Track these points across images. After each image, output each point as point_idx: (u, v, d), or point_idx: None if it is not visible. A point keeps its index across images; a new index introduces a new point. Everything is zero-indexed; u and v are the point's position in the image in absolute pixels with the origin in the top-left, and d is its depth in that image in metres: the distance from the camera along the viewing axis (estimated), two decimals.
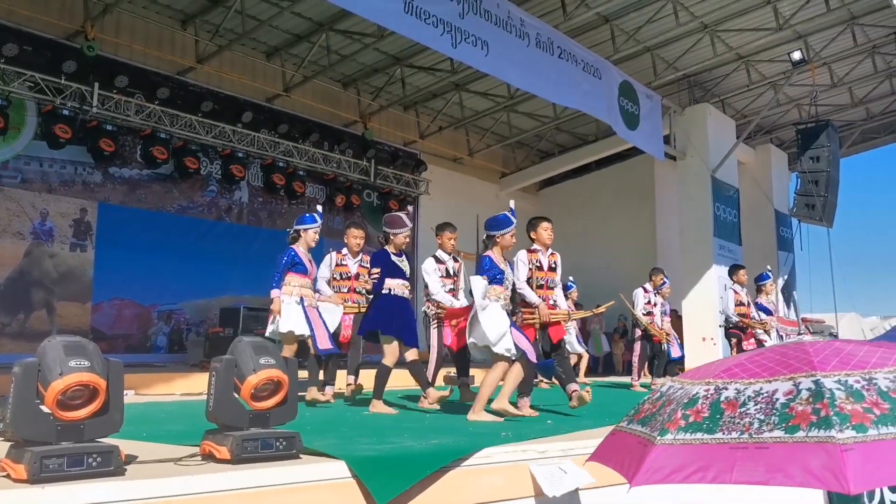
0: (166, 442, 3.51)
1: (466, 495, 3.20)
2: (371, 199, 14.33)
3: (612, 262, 15.62)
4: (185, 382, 7.92)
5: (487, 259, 5.24)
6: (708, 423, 1.78)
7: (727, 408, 1.78)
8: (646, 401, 2.07)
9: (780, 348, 1.95)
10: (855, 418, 1.61)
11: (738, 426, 1.73)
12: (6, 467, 2.53)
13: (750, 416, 1.73)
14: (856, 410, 1.63)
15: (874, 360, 1.76)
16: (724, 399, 1.81)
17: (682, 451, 1.77)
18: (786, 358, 1.86)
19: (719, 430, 1.75)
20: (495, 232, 5.33)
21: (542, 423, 4.89)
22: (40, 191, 9.94)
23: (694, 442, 1.76)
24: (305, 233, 6.30)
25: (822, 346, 1.89)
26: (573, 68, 10.49)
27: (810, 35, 13.12)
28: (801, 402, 1.69)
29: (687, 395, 1.88)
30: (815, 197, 15.45)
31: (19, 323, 9.60)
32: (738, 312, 9.33)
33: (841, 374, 1.73)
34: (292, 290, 6.07)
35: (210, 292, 11.60)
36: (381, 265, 5.73)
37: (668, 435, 1.80)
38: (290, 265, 6.14)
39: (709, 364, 2.12)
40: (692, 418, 1.81)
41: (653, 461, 1.79)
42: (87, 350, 2.60)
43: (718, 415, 1.78)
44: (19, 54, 9.38)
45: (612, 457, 2.03)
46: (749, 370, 1.87)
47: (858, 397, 1.66)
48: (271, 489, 2.72)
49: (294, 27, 11.80)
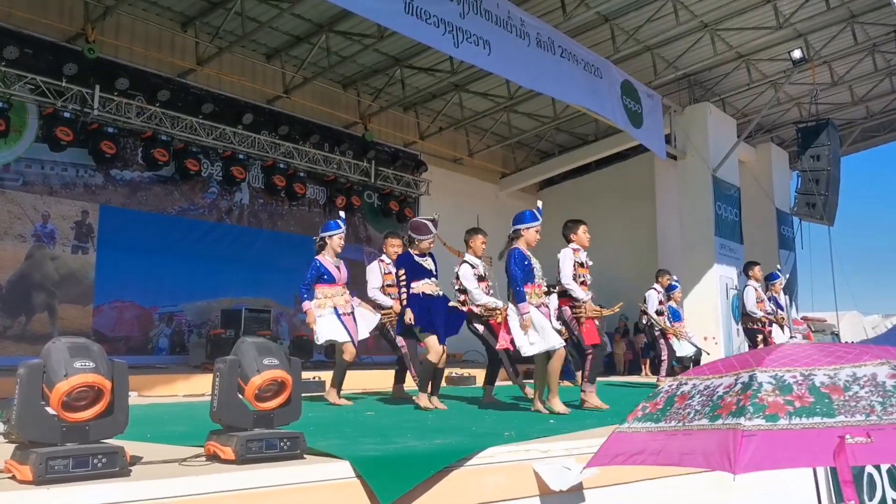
0: (170, 443, 3.51)
1: (470, 495, 3.20)
2: (371, 200, 14.33)
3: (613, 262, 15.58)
4: (188, 384, 7.92)
5: (518, 251, 5.51)
6: (658, 413, 1.98)
7: (678, 400, 1.98)
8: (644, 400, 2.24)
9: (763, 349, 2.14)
10: (771, 409, 1.72)
11: (678, 416, 1.91)
12: (12, 469, 2.53)
13: (691, 408, 1.91)
14: (775, 402, 1.73)
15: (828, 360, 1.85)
16: (679, 393, 2.01)
17: (629, 438, 1.98)
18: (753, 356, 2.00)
19: (663, 420, 1.94)
20: (522, 226, 5.62)
21: (545, 423, 4.89)
22: (42, 193, 9.94)
23: (641, 430, 1.98)
24: (331, 239, 6.39)
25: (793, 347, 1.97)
26: (575, 67, 10.50)
27: (810, 34, 13.13)
28: (732, 394, 1.83)
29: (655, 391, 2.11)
30: (816, 195, 15.47)
31: (21, 325, 9.60)
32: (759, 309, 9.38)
33: (780, 370, 1.83)
34: (324, 304, 6.16)
35: (211, 294, 11.61)
36: (406, 267, 5.89)
37: (624, 424, 2.04)
38: (316, 277, 6.23)
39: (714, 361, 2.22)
40: (648, 409, 2.02)
41: (606, 446, 2.04)
42: (92, 351, 2.60)
43: (669, 406, 1.97)
44: (20, 57, 9.40)
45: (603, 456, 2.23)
46: (715, 367, 2.04)
47: (786, 390, 1.76)
48: (276, 489, 2.72)
49: (294, 29, 11.81)
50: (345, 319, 6.17)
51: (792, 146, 17.56)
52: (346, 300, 6.31)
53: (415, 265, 5.88)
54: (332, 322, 6.13)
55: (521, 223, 5.64)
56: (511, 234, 5.64)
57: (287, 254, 12.46)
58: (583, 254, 6.27)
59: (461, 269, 6.36)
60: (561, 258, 6.19)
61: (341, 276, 6.36)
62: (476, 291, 6.26)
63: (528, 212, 5.70)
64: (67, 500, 2.36)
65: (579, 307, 6.05)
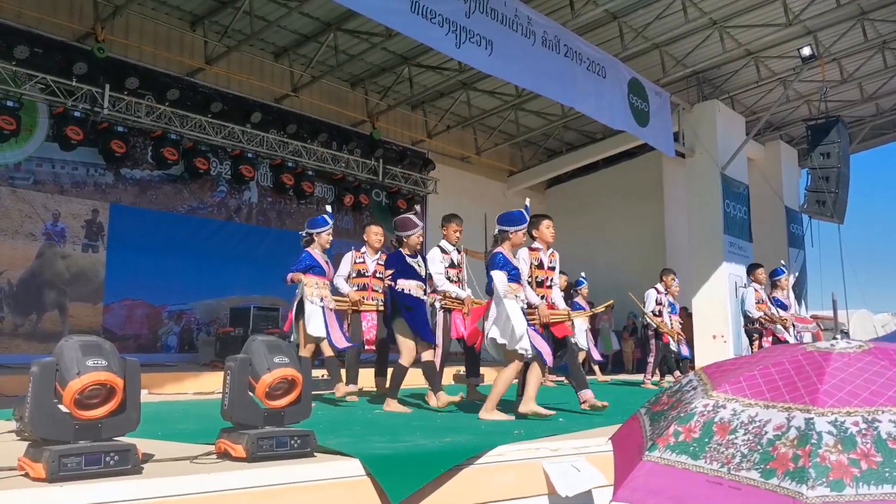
0: (181, 440, 3.53)
1: (479, 493, 3.20)
2: (380, 198, 14.35)
3: (621, 260, 15.60)
4: (197, 382, 7.95)
5: (500, 255, 5.19)
6: (695, 445, 1.74)
7: (718, 431, 1.74)
8: (666, 391, 2.05)
9: (802, 356, 1.83)
10: (835, 472, 1.51)
11: (721, 457, 1.68)
12: (25, 466, 2.55)
13: (735, 448, 1.68)
14: (839, 462, 1.52)
15: (890, 394, 1.62)
16: (718, 420, 1.76)
17: (662, 471, 1.75)
18: (798, 375, 1.76)
19: (703, 457, 1.71)
20: (509, 228, 5.27)
21: (555, 422, 4.89)
22: (52, 192, 10.00)
23: (676, 465, 1.74)
24: (318, 236, 6.34)
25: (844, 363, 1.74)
26: (577, 68, 10.46)
27: (820, 31, 13.05)
28: (786, 442, 1.61)
29: (687, 407, 1.84)
30: (826, 193, 15.37)
31: (32, 324, 9.66)
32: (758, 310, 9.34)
33: (840, 413, 1.60)
34: (313, 292, 6.10)
35: (220, 292, 11.65)
36: (395, 266, 5.77)
37: (655, 451, 1.79)
38: (306, 269, 6.20)
39: (735, 360, 2.06)
40: (682, 437, 1.78)
41: (635, 477, 1.79)
42: (104, 349, 2.62)
43: (707, 438, 1.74)
44: (30, 56, 9.45)
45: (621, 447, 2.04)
46: (756, 385, 1.79)
47: (849, 445, 1.54)
48: (287, 487, 2.73)
49: (302, 27, 11.83)
50: (327, 313, 6.12)
51: (801, 144, 17.46)
52: (329, 296, 6.29)
53: (405, 266, 5.74)
54: (317, 315, 6.03)
55: (509, 225, 5.28)
56: (496, 235, 5.33)
57: (295, 252, 12.28)
58: (545, 253, 5.81)
59: (430, 253, 6.27)
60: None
61: (329, 272, 6.36)
62: (439, 277, 6.17)
63: (516, 212, 5.37)
64: (80, 497, 2.37)
65: (532, 312, 5.49)
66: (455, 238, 6.50)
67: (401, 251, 5.82)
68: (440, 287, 6.23)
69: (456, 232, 6.50)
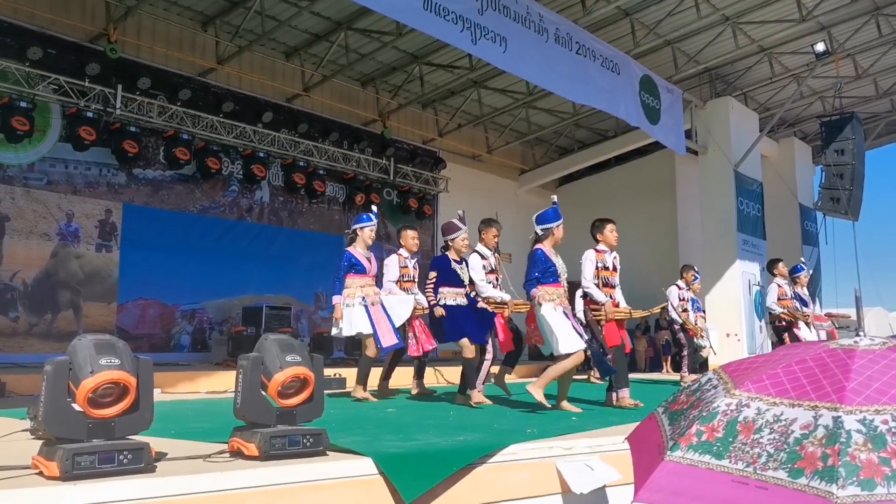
0: (194, 439, 3.53)
1: (493, 492, 3.19)
2: (391, 197, 14.35)
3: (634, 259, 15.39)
4: (210, 381, 7.98)
5: (540, 252, 5.47)
6: (719, 445, 1.71)
7: (742, 430, 1.70)
8: (685, 390, 2.01)
9: (825, 353, 1.79)
10: (865, 471, 1.48)
11: (747, 456, 1.64)
12: (39, 465, 2.56)
13: (760, 447, 1.64)
14: (869, 461, 1.49)
15: None
16: (741, 419, 1.72)
17: (685, 472, 1.71)
18: (823, 372, 1.73)
19: (727, 457, 1.67)
20: (552, 225, 5.61)
21: (568, 420, 4.87)
22: (66, 192, 10.05)
23: (699, 465, 1.70)
24: (362, 231, 6.46)
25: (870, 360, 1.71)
26: (591, 64, 10.42)
27: (834, 26, 12.94)
28: (813, 440, 1.57)
29: (709, 407, 1.81)
30: (841, 190, 15.25)
31: (46, 323, 9.73)
32: (782, 306, 9.31)
33: (869, 410, 1.57)
34: (354, 293, 6.19)
35: (232, 291, 11.68)
36: (439, 270, 5.88)
37: (677, 451, 1.75)
38: (348, 268, 6.28)
39: (755, 359, 2.03)
40: (705, 436, 1.74)
41: (657, 477, 1.75)
42: (118, 348, 2.62)
43: (731, 437, 1.70)
44: (43, 57, 9.51)
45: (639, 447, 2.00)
46: (780, 384, 1.75)
47: (879, 443, 1.51)
48: (300, 486, 2.73)
49: (313, 27, 11.85)
50: (372, 311, 6.18)
51: (815, 140, 17.33)
52: (375, 292, 6.35)
53: (449, 271, 5.91)
54: (360, 314, 6.15)
55: (549, 222, 5.63)
56: (540, 235, 5.61)
57: (307, 251, 12.53)
58: (609, 255, 6.20)
59: (470, 260, 6.35)
60: (583, 260, 6.15)
61: (371, 268, 6.41)
62: (482, 283, 6.25)
63: (550, 210, 5.71)
64: (94, 495, 2.37)
65: (598, 309, 6.01)
66: (493, 243, 6.54)
67: (447, 255, 5.96)
68: (484, 294, 6.29)
69: (495, 237, 6.54)
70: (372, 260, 6.45)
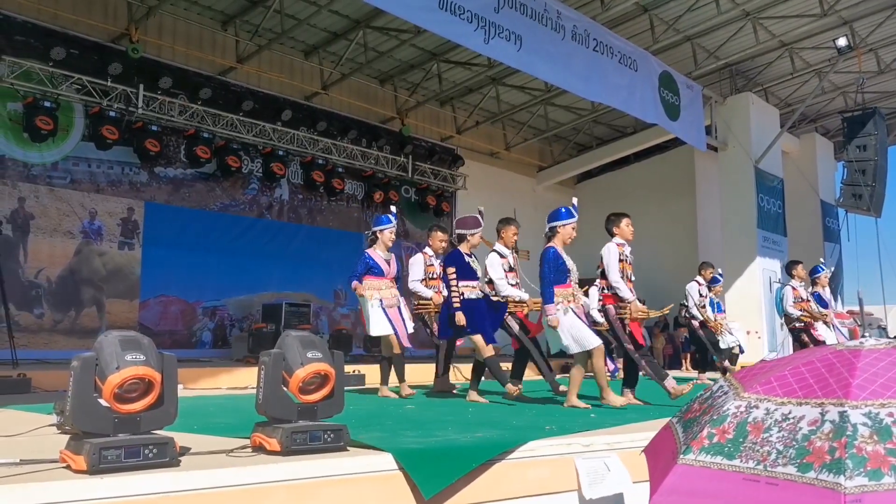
0: (217, 434, 3.57)
1: (512, 488, 3.20)
2: (409, 194, 14.38)
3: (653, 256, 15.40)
4: (231, 377, 8.06)
5: (552, 250, 5.42)
6: (730, 446, 1.74)
7: (752, 430, 1.74)
8: (697, 398, 2.05)
9: (832, 355, 1.83)
10: (872, 462, 1.51)
11: (757, 455, 1.68)
12: (66, 458, 2.60)
13: (770, 445, 1.68)
14: (876, 452, 1.52)
15: None
16: (751, 420, 1.76)
17: (697, 473, 1.75)
18: (829, 372, 1.76)
19: (738, 457, 1.71)
20: (557, 223, 5.54)
21: (587, 417, 4.87)
22: (89, 191, 10.19)
23: (711, 465, 1.74)
24: (382, 233, 6.46)
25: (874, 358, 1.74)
26: (608, 62, 10.38)
27: (856, 21, 12.79)
28: (821, 435, 1.61)
29: (719, 410, 1.85)
30: (863, 186, 15.10)
31: (70, 320, 9.86)
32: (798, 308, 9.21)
33: (874, 405, 1.60)
34: (372, 294, 6.23)
35: (252, 288, 11.78)
36: (456, 265, 5.88)
37: (690, 454, 1.79)
38: (365, 271, 6.30)
39: (763, 364, 2.06)
40: (716, 438, 1.78)
41: (670, 481, 1.79)
42: (143, 344, 2.66)
43: (742, 438, 1.74)
44: (67, 58, 9.65)
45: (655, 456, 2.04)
46: (787, 384, 1.80)
47: (885, 435, 1.54)
48: (321, 480, 2.76)
49: (331, 25, 11.90)
50: (390, 313, 6.22)
51: (837, 136, 17.15)
52: (393, 294, 6.36)
53: (464, 265, 5.90)
54: (379, 315, 6.19)
55: (556, 220, 5.59)
56: (547, 233, 5.60)
57: (326, 249, 12.60)
58: (626, 249, 6.03)
59: (489, 258, 6.35)
60: (605, 255, 5.93)
61: (390, 271, 6.41)
62: (501, 282, 6.24)
63: (563, 208, 5.65)
64: (120, 489, 2.41)
65: (624, 308, 5.82)
66: (513, 242, 6.54)
67: (459, 250, 5.94)
68: (503, 292, 6.29)
69: (514, 236, 6.54)
70: (392, 262, 6.45)
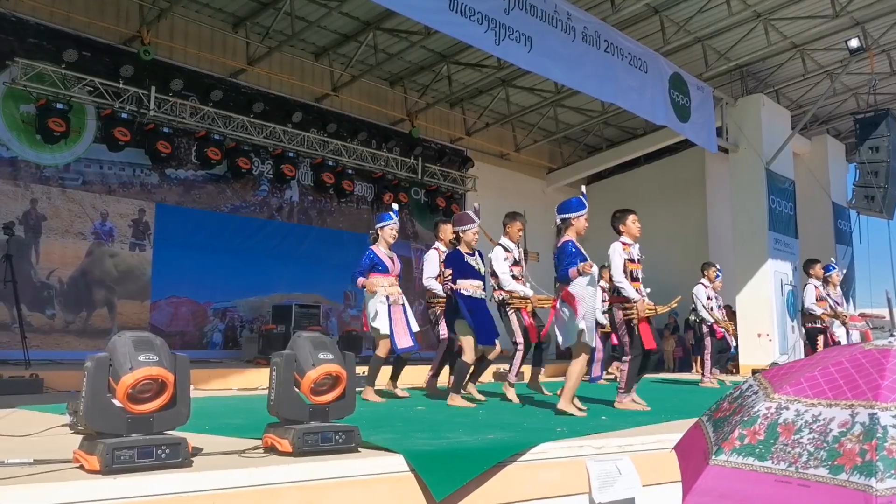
0: (229, 435, 3.59)
1: (523, 491, 3.20)
2: (418, 196, 14.39)
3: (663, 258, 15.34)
4: (241, 378, 8.08)
5: (571, 243, 5.17)
6: (761, 447, 1.76)
7: (783, 432, 1.75)
8: (727, 397, 2.05)
9: (861, 354, 1.84)
10: None
11: (788, 456, 1.69)
12: (80, 458, 2.62)
13: (801, 447, 1.69)
14: None
15: None
16: (782, 421, 1.77)
17: (730, 475, 1.77)
18: (858, 372, 1.77)
19: (770, 458, 1.72)
20: (569, 215, 5.26)
21: (598, 419, 4.86)
22: (100, 192, 10.24)
23: (743, 467, 1.75)
24: (383, 230, 6.44)
25: None
26: (618, 63, 10.35)
27: (868, 22, 12.71)
28: (851, 437, 1.63)
29: (750, 411, 1.86)
30: (875, 188, 14.98)
31: (82, 320, 9.92)
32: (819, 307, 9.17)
33: None
34: (379, 290, 6.20)
35: (262, 290, 11.81)
36: (454, 266, 5.80)
37: (721, 455, 1.80)
38: (370, 267, 6.26)
39: (792, 364, 2.07)
40: (748, 439, 1.80)
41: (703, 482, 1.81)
42: (156, 345, 2.67)
43: (773, 439, 1.75)
44: (79, 60, 9.71)
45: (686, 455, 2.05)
46: (817, 385, 1.81)
47: None
48: (332, 481, 2.77)
49: (342, 27, 11.93)
50: (393, 310, 6.19)
51: (849, 138, 17.04)
52: (398, 291, 6.35)
53: (463, 265, 5.79)
54: (383, 314, 6.15)
55: (569, 211, 5.26)
56: (559, 225, 5.29)
57: (336, 250, 12.62)
58: (634, 248, 5.82)
59: (493, 252, 6.29)
60: (610, 253, 5.73)
61: (394, 268, 6.40)
62: (504, 276, 6.18)
63: (573, 199, 5.36)
64: (133, 489, 2.43)
65: (630, 308, 5.60)
66: (518, 236, 6.50)
67: (458, 250, 5.88)
68: (506, 287, 6.23)
69: (520, 230, 6.50)
70: (395, 259, 6.44)
